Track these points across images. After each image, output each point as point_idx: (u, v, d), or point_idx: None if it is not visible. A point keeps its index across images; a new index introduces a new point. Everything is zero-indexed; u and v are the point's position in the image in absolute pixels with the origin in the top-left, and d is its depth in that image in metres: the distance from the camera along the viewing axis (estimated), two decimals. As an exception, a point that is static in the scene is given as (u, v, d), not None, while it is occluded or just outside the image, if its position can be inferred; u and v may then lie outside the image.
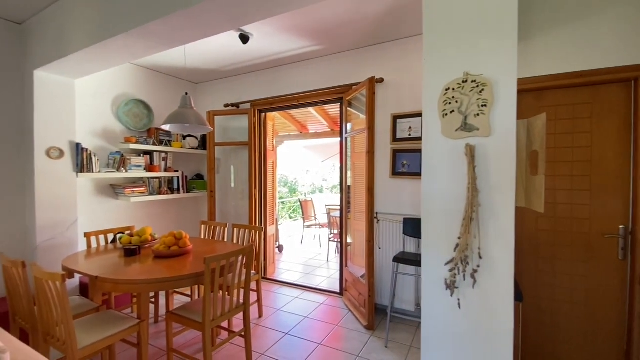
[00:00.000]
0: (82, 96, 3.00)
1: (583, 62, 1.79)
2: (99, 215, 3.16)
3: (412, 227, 2.75)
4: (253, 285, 2.92)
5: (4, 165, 2.57)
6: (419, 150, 2.85)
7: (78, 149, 2.81)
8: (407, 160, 2.91)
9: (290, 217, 9.39)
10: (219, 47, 3.06)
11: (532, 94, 1.97)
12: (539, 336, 2.01)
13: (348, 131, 3.23)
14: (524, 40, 1.91)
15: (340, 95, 3.23)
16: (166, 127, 2.44)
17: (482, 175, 1.32)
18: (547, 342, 1.99)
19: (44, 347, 1.74)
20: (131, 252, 2.26)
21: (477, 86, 1.32)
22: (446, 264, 1.40)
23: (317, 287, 3.63)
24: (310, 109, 4.82)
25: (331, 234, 4.87)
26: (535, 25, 1.90)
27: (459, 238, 1.35)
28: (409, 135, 2.89)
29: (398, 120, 2.95)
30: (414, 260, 2.51)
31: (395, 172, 2.96)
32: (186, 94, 2.39)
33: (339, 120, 5.84)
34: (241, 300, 2.18)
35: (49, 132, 2.63)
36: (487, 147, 1.31)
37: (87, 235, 2.62)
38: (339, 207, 5.28)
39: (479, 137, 1.32)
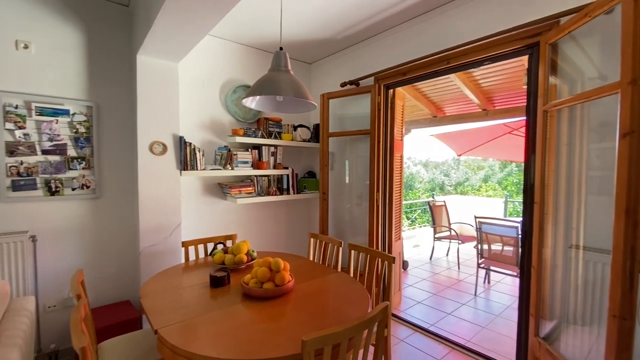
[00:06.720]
0: (188, 85, 2.68)
1: None
2: (205, 217, 2.83)
3: None
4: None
5: (121, 164, 2.42)
6: None
7: (181, 144, 2.47)
8: None
9: (411, 221, 8.06)
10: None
11: None
12: None
13: (537, 100, 1.83)
14: None
15: (531, 39, 1.88)
16: (249, 104, 1.71)
17: None
18: None
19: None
20: (217, 282, 1.65)
21: None
22: None
23: (473, 346, 2.39)
24: (455, 79, 3.49)
25: (482, 257, 3.45)
26: None
27: None
28: None
29: (689, 66, 1.40)
30: None
31: (675, 175, 1.44)
32: (280, 48, 1.59)
33: (493, 95, 4.20)
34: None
35: (152, 124, 2.34)
36: None
37: (184, 245, 2.23)
38: (494, 221, 3.38)
39: None
